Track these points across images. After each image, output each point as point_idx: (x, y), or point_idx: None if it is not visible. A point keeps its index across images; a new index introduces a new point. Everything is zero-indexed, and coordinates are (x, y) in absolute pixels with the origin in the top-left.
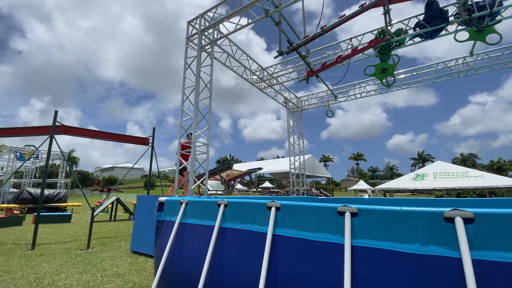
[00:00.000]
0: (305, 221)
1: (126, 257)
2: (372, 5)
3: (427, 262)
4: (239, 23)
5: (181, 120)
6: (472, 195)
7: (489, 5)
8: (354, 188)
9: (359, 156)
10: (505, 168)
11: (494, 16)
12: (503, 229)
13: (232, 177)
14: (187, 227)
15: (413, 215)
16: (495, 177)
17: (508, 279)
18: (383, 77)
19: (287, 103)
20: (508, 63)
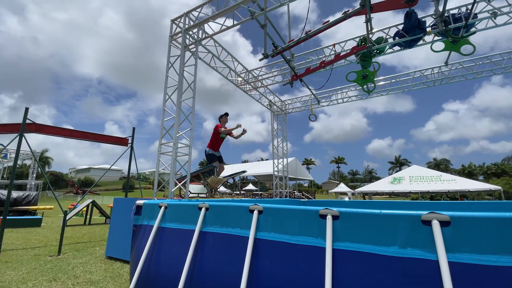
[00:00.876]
0: (287, 224)
1: (100, 263)
2: (355, 13)
3: (406, 264)
4: (225, 24)
5: (162, 121)
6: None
7: (464, 17)
8: (335, 190)
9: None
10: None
11: (469, 28)
12: (478, 232)
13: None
14: (166, 231)
15: (392, 218)
16: (466, 181)
17: (483, 282)
18: (364, 84)
19: (272, 106)
20: (480, 73)
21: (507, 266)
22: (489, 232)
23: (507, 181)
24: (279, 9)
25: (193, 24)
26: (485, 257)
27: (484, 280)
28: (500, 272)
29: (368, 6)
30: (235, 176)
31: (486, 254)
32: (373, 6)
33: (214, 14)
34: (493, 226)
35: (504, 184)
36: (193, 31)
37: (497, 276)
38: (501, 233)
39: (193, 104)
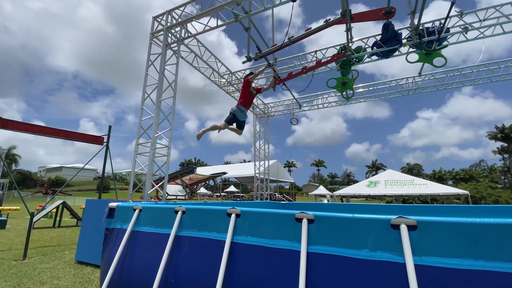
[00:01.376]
0: (264, 228)
1: (69, 268)
2: (336, 22)
3: (375, 267)
4: (208, 25)
5: (140, 120)
6: (417, 201)
7: (437, 31)
8: (314, 193)
9: (320, 162)
10: (445, 178)
11: (441, 41)
12: (442, 236)
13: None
14: (140, 235)
15: (364, 222)
16: (437, 186)
17: (447, 284)
18: (343, 90)
19: (254, 109)
20: (451, 84)
21: (470, 269)
22: (453, 236)
23: (474, 186)
24: (265, 12)
25: (176, 22)
26: (449, 260)
27: (448, 282)
28: (463, 274)
29: (349, 16)
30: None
31: (450, 258)
32: (353, 16)
33: (198, 14)
34: (456, 231)
35: (471, 189)
36: (176, 29)
37: (460, 278)
38: (464, 238)
39: (173, 104)
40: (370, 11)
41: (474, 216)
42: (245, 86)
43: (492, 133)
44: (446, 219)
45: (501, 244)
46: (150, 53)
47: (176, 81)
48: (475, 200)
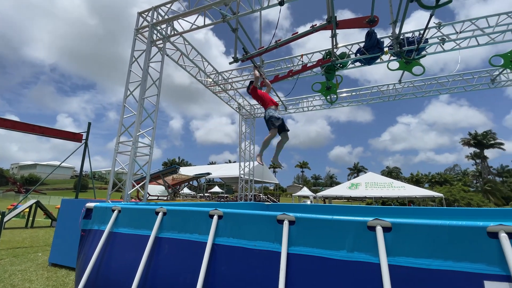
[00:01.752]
0: (246, 229)
1: (42, 271)
2: (322, 28)
3: (352, 268)
4: (195, 24)
5: (121, 117)
6: (395, 203)
7: (416, 41)
8: (298, 194)
9: (304, 164)
10: (422, 181)
11: (420, 51)
12: (414, 237)
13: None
14: (118, 237)
15: (342, 224)
16: (414, 188)
17: (418, 283)
18: (327, 94)
19: (241, 109)
20: (428, 92)
21: (439, 269)
22: (424, 237)
23: (448, 189)
24: (253, 13)
25: (162, 19)
26: (421, 261)
27: (419, 282)
28: (433, 274)
29: (334, 22)
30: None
31: (422, 258)
32: (339, 23)
33: (185, 12)
34: (427, 232)
35: (446, 192)
36: (161, 26)
37: (431, 278)
38: (434, 239)
39: (157, 102)
40: (354, 18)
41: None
42: (256, 92)
43: (466, 139)
44: (418, 221)
45: (468, 246)
46: (134, 49)
47: (161, 79)
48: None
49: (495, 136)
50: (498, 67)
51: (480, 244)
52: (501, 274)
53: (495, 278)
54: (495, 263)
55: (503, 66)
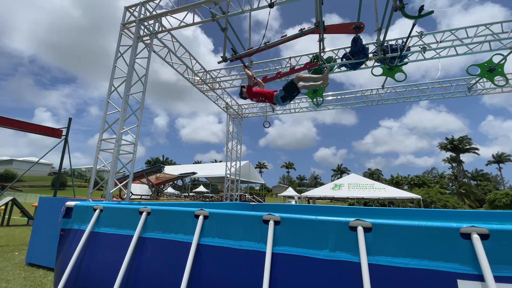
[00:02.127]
0: (232, 229)
1: (19, 271)
2: (310, 32)
3: (334, 267)
4: (184, 21)
5: (105, 113)
6: (376, 204)
7: (400, 49)
8: (283, 194)
9: (290, 165)
10: (401, 183)
11: (403, 58)
12: (393, 237)
13: (162, 181)
14: (100, 236)
15: (325, 224)
16: (394, 190)
17: (396, 281)
18: (314, 97)
19: (228, 109)
20: (409, 97)
21: (415, 268)
22: (402, 238)
23: (426, 191)
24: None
25: (150, 15)
26: (399, 260)
27: (397, 280)
28: (410, 273)
29: (322, 27)
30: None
31: (400, 257)
32: (326, 27)
33: (174, 9)
34: (405, 233)
35: (423, 194)
36: (149, 22)
37: (408, 277)
38: (411, 239)
39: (142, 99)
40: (341, 24)
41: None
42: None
43: (443, 144)
44: (397, 222)
45: (442, 246)
46: (120, 44)
47: (147, 76)
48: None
49: (471, 141)
50: (475, 76)
51: (453, 244)
52: (474, 274)
53: (468, 277)
54: (468, 263)
55: (480, 75)
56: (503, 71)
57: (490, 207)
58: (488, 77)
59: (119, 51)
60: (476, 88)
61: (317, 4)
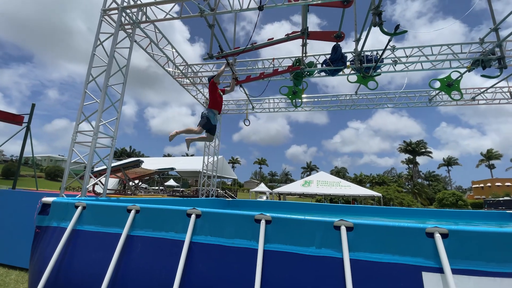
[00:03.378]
0: (224, 228)
1: None
2: (295, 38)
3: (320, 262)
4: (170, 14)
5: (81, 104)
6: (341, 200)
7: (374, 60)
8: (255, 190)
9: (263, 161)
10: (364, 181)
11: (377, 69)
12: (371, 236)
13: (139, 176)
14: (83, 234)
15: (312, 223)
16: (358, 188)
17: (372, 274)
18: (293, 98)
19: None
20: (379, 104)
21: (388, 263)
22: (378, 236)
23: (385, 189)
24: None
25: (134, 3)
26: (375, 255)
27: (374, 273)
28: (384, 267)
29: (306, 33)
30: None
31: (376, 253)
32: (310, 33)
33: (160, 0)
34: (380, 232)
35: (383, 192)
36: (132, 10)
37: (382, 270)
38: (385, 237)
39: (122, 91)
40: (323, 32)
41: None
42: (213, 88)
43: (402, 146)
44: (375, 222)
45: (411, 243)
46: (100, 31)
47: (128, 67)
48: (385, 201)
49: (426, 145)
50: (435, 89)
51: (420, 242)
52: (435, 267)
53: (431, 270)
54: (431, 258)
55: (440, 89)
56: (459, 86)
57: (438, 205)
58: (446, 91)
59: (98, 39)
60: (436, 100)
61: (304, 12)
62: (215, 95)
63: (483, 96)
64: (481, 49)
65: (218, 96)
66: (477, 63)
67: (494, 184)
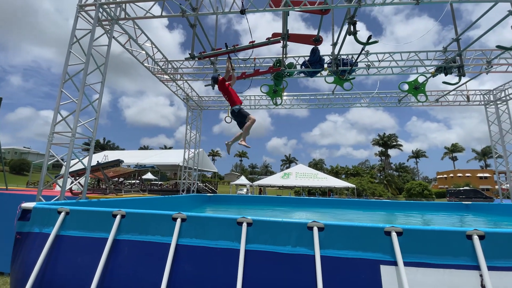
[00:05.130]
0: (209, 230)
1: None
2: (276, 42)
3: (295, 259)
4: (150, 12)
5: (58, 104)
6: (318, 192)
7: (350, 63)
8: (236, 182)
9: (243, 153)
10: (340, 172)
11: (352, 71)
12: (338, 234)
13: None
14: (67, 240)
15: (289, 225)
16: (334, 180)
17: (339, 268)
18: (274, 97)
19: (188, 101)
20: (354, 104)
21: (352, 258)
22: (344, 234)
23: (359, 181)
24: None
25: (112, 0)
26: (341, 252)
27: (340, 267)
28: (348, 261)
29: (286, 37)
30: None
31: (342, 250)
32: (290, 36)
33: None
34: (346, 231)
35: (357, 183)
36: (110, 6)
37: (347, 264)
38: (349, 236)
39: (101, 90)
40: (303, 35)
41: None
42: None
43: (376, 139)
44: (341, 223)
45: (371, 240)
46: (76, 27)
47: (106, 65)
48: (359, 192)
49: (397, 138)
50: (403, 91)
51: (379, 239)
52: (391, 260)
53: (387, 263)
54: (388, 253)
55: (408, 92)
56: (425, 90)
57: (407, 194)
58: (414, 94)
59: (75, 36)
60: (404, 100)
61: (284, 17)
62: (230, 92)
63: (446, 98)
64: (444, 56)
65: (233, 91)
66: (440, 70)
67: (456, 175)
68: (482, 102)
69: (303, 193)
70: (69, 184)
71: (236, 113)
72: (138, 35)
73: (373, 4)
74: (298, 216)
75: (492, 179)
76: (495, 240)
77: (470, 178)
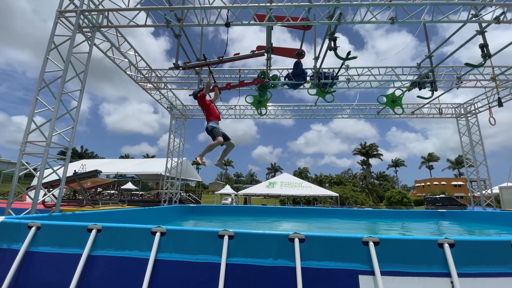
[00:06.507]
0: (189, 244)
1: None
2: (260, 54)
3: (276, 271)
4: (134, 21)
5: (32, 112)
6: (303, 200)
7: (331, 77)
8: (220, 192)
9: (229, 162)
10: (324, 181)
11: (333, 85)
12: (319, 246)
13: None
14: (38, 256)
15: (270, 237)
16: (318, 188)
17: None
18: (258, 107)
19: (172, 109)
20: (335, 115)
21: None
22: (324, 246)
23: (342, 189)
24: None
25: (95, 8)
26: (322, 263)
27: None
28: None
29: (270, 49)
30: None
31: (322, 261)
32: (274, 49)
33: (126, 8)
34: (326, 242)
35: (340, 191)
36: (92, 14)
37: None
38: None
39: (79, 98)
40: (286, 48)
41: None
42: (204, 102)
43: (358, 149)
44: (321, 234)
45: (350, 251)
46: (55, 33)
47: (86, 73)
48: (342, 200)
49: (378, 148)
50: (381, 103)
51: (357, 249)
52: (369, 270)
53: (366, 273)
54: (365, 263)
55: (386, 104)
56: (401, 103)
57: (387, 202)
58: (391, 106)
59: (53, 42)
60: (382, 113)
61: (268, 31)
62: (209, 107)
63: (421, 111)
64: (418, 72)
65: (211, 106)
66: (415, 84)
67: (433, 183)
68: (453, 115)
69: (288, 202)
70: (42, 196)
71: (209, 131)
72: (121, 42)
73: (352, 22)
74: (281, 228)
75: (466, 187)
76: (465, 247)
77: (445, 186)
